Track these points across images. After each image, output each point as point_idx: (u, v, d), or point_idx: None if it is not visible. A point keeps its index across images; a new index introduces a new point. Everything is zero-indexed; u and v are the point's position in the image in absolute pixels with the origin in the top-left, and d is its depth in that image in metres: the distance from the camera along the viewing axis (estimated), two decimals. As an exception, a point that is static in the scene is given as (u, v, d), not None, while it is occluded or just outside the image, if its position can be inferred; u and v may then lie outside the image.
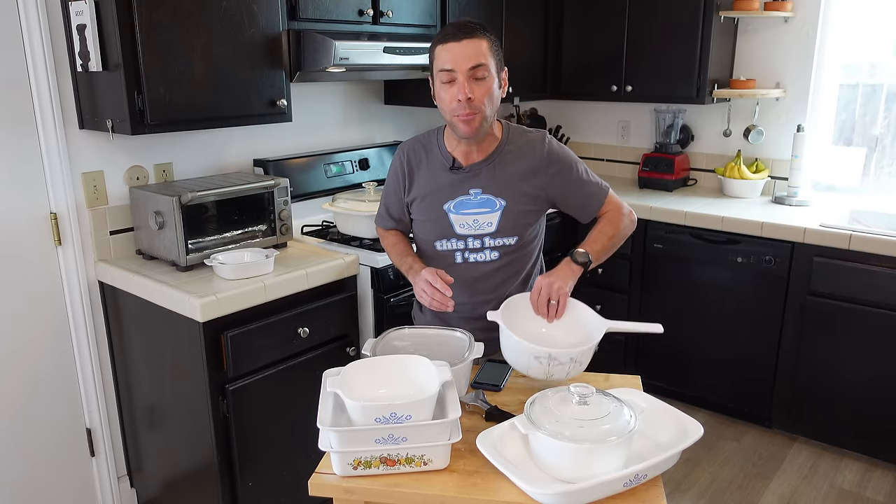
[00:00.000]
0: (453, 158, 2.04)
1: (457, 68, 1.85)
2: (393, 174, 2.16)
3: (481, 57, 1.86)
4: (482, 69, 1.86)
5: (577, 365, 1.72)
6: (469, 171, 2.02)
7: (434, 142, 2.09)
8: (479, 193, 2.01)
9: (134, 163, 2.75)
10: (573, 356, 1.69)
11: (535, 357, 1.67)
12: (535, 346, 1.66)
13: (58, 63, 2.49)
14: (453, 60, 1.85)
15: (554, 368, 1.69)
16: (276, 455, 2.60)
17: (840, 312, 3.17)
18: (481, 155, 2.03)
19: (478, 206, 2.02)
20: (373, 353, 1.70)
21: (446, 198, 2.03)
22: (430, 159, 2.08)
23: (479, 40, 1.86)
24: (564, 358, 1.67)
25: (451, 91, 1.88)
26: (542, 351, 1.66)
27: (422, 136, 2.14)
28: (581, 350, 1.70)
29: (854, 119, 3.74)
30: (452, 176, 2.03)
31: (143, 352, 2.66)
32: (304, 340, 2.58)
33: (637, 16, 3.82)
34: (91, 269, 2.69)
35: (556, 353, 1.66)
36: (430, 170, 2.07)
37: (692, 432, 1.47)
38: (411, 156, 2.11)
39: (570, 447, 1.32)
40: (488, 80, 1.89)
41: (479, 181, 2.02)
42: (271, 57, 2.66)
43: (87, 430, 2.82)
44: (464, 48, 1.84)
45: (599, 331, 1.79)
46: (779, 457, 3.37)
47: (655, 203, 3.68)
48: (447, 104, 1.91)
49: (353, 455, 1.40)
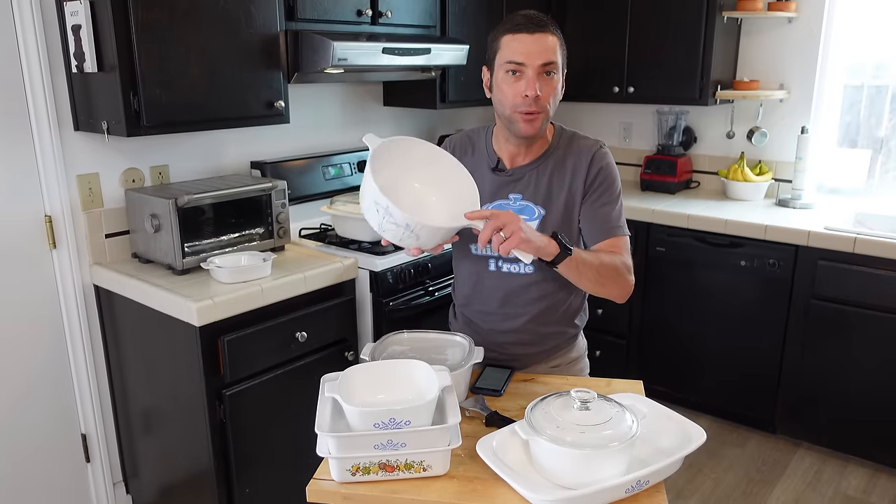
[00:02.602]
0: (498, 159, 1.93)
1: (528, 62, 1.74)
2: None
3: (552, 53, 1.76)
4: (552, 66, 1.76)
5: (414, 237, 1.59)
6: (512, 174, 1.91)
7: (482, 139, 1.98)
8: (519, 199, 1.90)
9: (129, 165, 2.75)
10: (410, 224, 1.56)
11: (375, 202, 1.56)
12: (380, 194, 1.54)
13: (52, 64, 2.49)
14: (525, 53, 1.74)
15: (387, 224, 1.58)
16: (273, 461, 2.60)
17: (845, 316, 3.17)
18: (528, 158, 1.91)
19: (516, 213, 1.83)
20: (371, 357, 1.70)
21: (485, 200, 1.90)
22: (476, 156, 1.97)
23: (552, 36, 1.77)
24: (401, 220, 1.55)
25: (516, 85, 1.77)
26: (382, 200, 1.54)
27: (471, 132, 2.04)
28: (420, 223, 1.57)
29: (859, 120, 3.74)
30: (494, 177, 1.92)
31: (139, 356, 2.66)
32: (302, 345, 2.58)
33: (639, 16, 3.82)
34: (86, 272, 2.69)
35: (393, 210, 1.54)
36: (473, 167, 1.92)
37: (695, 438, 1.47)
38: (457, 150, 2.00)
39: (571, 453, 1.32)
40: (556, 79, 1.79)
41: (520, 186, 1.90)
42: (269, 58, 2.67)
43: (83, 435, 2.81)
44: (537, 42, 1.75)
45: (455, 221, 1.65)
46: (783, 463, 3.37)
47: (658, 206, 3.68)
48: (510, 98, 1.78)
49: (352, 461, 1.40)
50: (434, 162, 1.79)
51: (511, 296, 1.93)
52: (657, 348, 3.80)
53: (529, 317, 1.93)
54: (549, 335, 1.98)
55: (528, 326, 1.94)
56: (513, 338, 1.95)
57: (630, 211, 3.63)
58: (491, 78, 1.85)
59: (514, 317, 1.94)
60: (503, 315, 1.96)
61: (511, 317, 1.95)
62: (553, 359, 2.02)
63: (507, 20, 1.82)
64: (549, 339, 1.98)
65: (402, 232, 1.58)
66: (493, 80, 1.85)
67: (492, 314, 1.97)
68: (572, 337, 2.04)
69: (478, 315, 2.00)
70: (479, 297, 1.98)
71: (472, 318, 2.02)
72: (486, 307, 1.97)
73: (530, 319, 1.93)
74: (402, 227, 1.57)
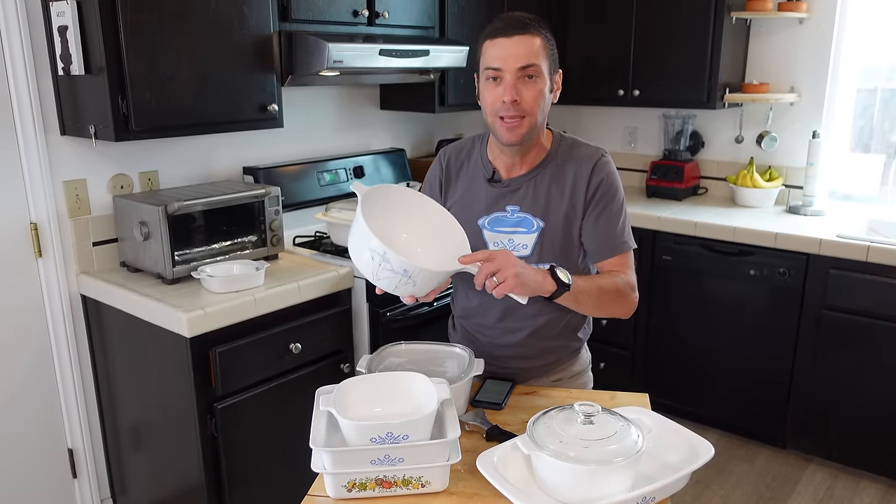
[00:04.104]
0: (493, 170, 1.91)
1: (505, 67, 1.73)
2: (430, 179, 2.04)
3: (533, 56, 1.74)
4: (533, 69, 1.74)
5: (410, 283, 1.60)
6: (508, 185, 1.89)
7: (477, 149, 1.98)
8: (517, 211, 1.88)
9: (118, 171, 2.76)
10: (408, 270, 1.57)
11: (371, 249, 1.57)
12: (376, 239, 1.54)
13: (38, 66, 2.50)
14: (502, 58, 1.73)
15: (383, 272, 1.58)
16: (266, 477, 2.60)
17: (857, 327, 3.18)
18: (525, 168, 1.89)
19: (514, 225, 1.88)
20: (368, 369, 1.70)
21: (482, 212, 1.91)
22: (471, 167, 1.97)
23: (533, 37, 1.76)
24: (398, 266, 1.56)
25: (495, 91, 1.76)
26: (379, 246, 1.55)
27: (465, 141, 2.03)
28: (418, 268, 1.57)
29: (872, 125, 3.76)
30: (490, 189, 1.91)
31: (128, 369, 2.66)
32: (297, 357, 2.58)
33: (645, 16, 3.84)
34: (73, 281, 2.70)
35: (390, 257, 1.55)
36: (469, 179, 1.96)
37: (702, 453, 1.47)
38: (452, 160, 2.00)
39: (574, 468, 1.32)
40: (539, 82, 1.77)
41: (517, 197, 1.89)
42: (262, 60, 2.68)
43: (69, 450, 2.81)
44: (515, 45, 1.73)
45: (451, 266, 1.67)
46: (793, 479, 3.37)
47: (664, 213, 3.69)
48: (490, 105, 1.78)
49: (348, 477, 1.40)
50: (418, 209, 1.80)
51: (510, 310, 1.91)
52: (663, 360, 3.80)
53: (529, 331, 1.93)
54: (551, 349, 1.98)
55: (529, 341, 1.94)
56: (513, 352, 1.95)
57: (635, 218, 3.64)
58: (478, 86, 1.86)
59: (514, 331, 1.95)
60: (503, 329, 1.96)
61: (511, 331, 1.95)
62: (554, 373, 2.02)
63: (489, 24, 1.81)
64: (550, 353, 1.99)
65: (398, 279, 1.59)
66: (478, 89, 1.85)
67: (491, 328, 1.97)
68: (575, 350, 2.04)
69: (477, 328, 2.01)
70: (478, 310, 1.98)
71: (471, 330, 2.03)
72: (485, 321, 1.97)
73: (531, 334, 1.93)
74: (398, 274, 1.58)
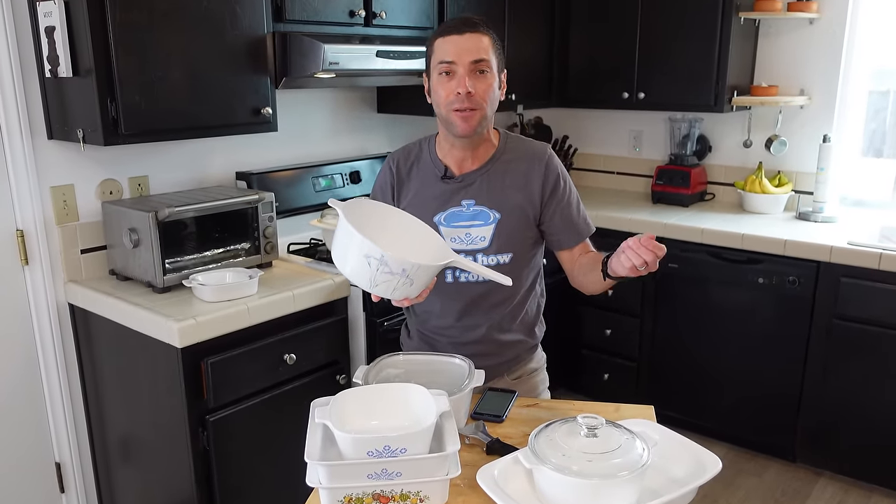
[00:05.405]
0: (445, 167, 2.03)
1: (458, 60, 1.87)
2: (380, 185, 2.14)
3: (483, 52, 1.88)
4: (484, 63, 1.88)
5: (408, 283, 1.64)
6: (462, 180, 2.01)
7: (425, 149, 2.09)
8: (472, 205, 2.00)
9: (107, 176, 2.76)
10: (406, 268, 1.61)
11: (366, 256, 1.59)
12: (370, 244, 1.57)
13: (24, 68, 2.50)
14: (455, 53, 1.87)
15: (381, 276, 1.61)
16: (260, 491, 2.60)
17: (869, 337, 3.18)
18: (476, 163, 2.02)
19: (470, 219, 2.00)
20: (365, 381, 1.70)
21: (437, 209, 2.02)
22: (421, 168, 2.07)
23: (482, 35, 1.89)
24: (396, 267, 1.60)
25: (449, 84, 1.89)
26: (375, 250, 1.57)
27: (411, 145, 2.14)
28: (417, 264, 1.61)
29: (885, 128, 3.76)
30: (444, 186, 2.02)
31: (117, 380, 2.66)
32: (291, 368, 2.58)
33: (650, 17, 3.84)
34: (60, 290, 2.70)
35: (389, 259, 1.58)
36: (421, 179, 2.06)
37: (710, 467, 1.47)
38: (401, 164, 2.10)
39: (577, 483, 1.32)
40: (489, 77, 1.91)
41: (472, 191, 2.01)
42: (255, 61, 2.68)
43: (57, 464, 2.81)
44: (466, 41, 1.87)
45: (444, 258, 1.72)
46: (803, 493, 3.37)
47: (670, 219, 3.69)
48: (443, 98, 1.91)
49: (344, 491, 1.40)
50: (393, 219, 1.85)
51: (470, 306, 2.04)
52: (669, 371, 3.80)
53: (488, 325, 2.04)
54: (509, 344, 2.10)
55: (488, 335, 2.06)
56: (473, 349, 2.00)
57: (640, 224, 3.65)
58: (429, 84, 1.99)
59: (473, 328, 2.06)
60: (462, 327, 2.06)
61: (470, 328, 2.06)
62: (514, 371, 2.14)
63: (440, 26, 1.95)
64: (508, 349, 2.11)
65: (397, 280, 1.62)
66: (430, 86, 1.98)
67: (450, 328, 2.07)
68: (532, 347, 2.18)
69: (436, 330, 2.10)
70: (436, 311, 2.07)
71: (429, 334, 2.12)
72: (444, 321, 2.07)
73: (490, 327, 2.05)
74: (397, 275, 1.61)
